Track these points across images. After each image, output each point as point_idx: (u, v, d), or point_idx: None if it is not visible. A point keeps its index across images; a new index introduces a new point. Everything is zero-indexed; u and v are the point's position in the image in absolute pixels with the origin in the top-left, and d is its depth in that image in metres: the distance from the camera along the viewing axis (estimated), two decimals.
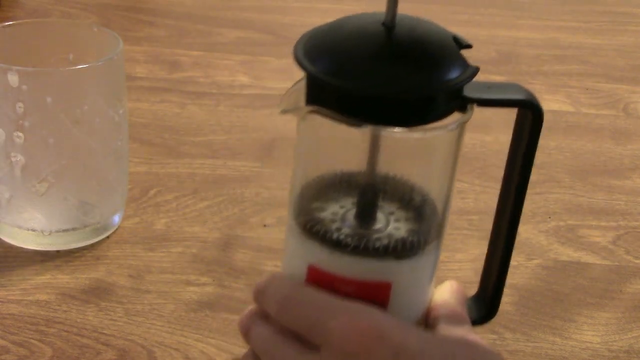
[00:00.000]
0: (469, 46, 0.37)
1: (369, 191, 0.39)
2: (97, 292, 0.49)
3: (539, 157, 0.71)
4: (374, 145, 0.38)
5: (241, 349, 0.46)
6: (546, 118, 0.86)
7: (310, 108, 0.36)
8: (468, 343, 0.39)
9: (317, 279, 0.39)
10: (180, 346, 0.45)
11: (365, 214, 0.39)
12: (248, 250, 0.54)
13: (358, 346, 0.36)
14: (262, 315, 0.42)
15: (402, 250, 0.38)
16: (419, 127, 0.36)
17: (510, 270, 0.55)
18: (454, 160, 0.39)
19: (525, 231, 0.59)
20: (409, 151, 0.40)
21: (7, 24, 0.52)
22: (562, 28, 1.04)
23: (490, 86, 0.38)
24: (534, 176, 0.71)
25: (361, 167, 0.38)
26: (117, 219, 0.55)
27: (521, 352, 0.47)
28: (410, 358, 0.35)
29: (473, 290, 0.52)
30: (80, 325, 0.46)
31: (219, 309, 0.48)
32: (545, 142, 0.73)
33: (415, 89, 0.35)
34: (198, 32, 0.92)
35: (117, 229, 0.55)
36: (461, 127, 0.37)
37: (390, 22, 0.36)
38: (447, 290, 0.44)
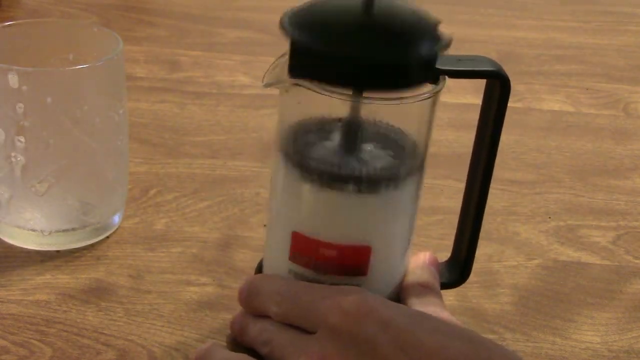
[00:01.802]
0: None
1: (348, 161, 0.42)
2: (97, 292, 0.49)
3: (539, 157, 0.72)
4: (354, 116, 0.41)
5: (241, 349, 0.45)
6: (546, 118, 0.86)
7: (293, 81, 0.38)
8: (447, 319, 0.41)
9: (301, 245, 0.42)
10: (180, 346, 0.45)
11: (344, 183, 0.41)
12: (248, 250, 0.54)
13: (348, 323, 0.38)
14: (256, 315, 0.43)
15: (380, 217, 0.41)
16: (395, 97, 0.39)
17: (510, 270, 0.55)
18: (428, 130, 0.42)
19: (525, 231, 0.59)
20: (386, 121, 0.43)
21: (7, 24, 0.52)
22: (562, 28, 1.04)
23: (460, 59, 0.41)
24: (534, 176, 0.72)
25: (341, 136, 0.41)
26: (117, 219, 0.55)
27: (521, 352, 0.47)
28: (398, 332, 0.37)
29: (479, 290, 0.52)
30: (80, 325, 0.46)
31: (219, 309, 0.48)
32: (545, 142, 0.73)
33: (394, 52, 0.38)
34: (198, 32, 0.92)
35: (117, 229, 0.55)
36: (434, 98, 0.40)
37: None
38: (421, 261, 0.45)
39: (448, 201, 0.62)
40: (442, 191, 0.63)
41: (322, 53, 0.38)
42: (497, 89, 0.42)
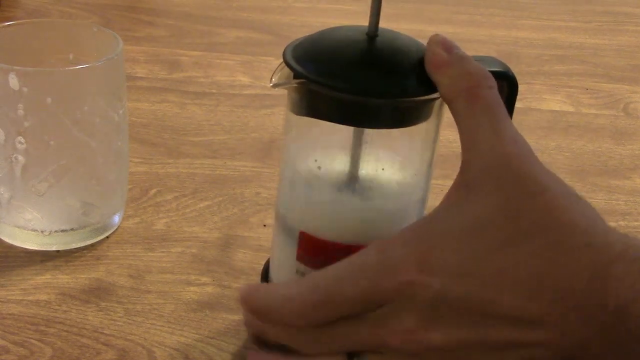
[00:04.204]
0: None
1: (355, 162, 0.41)
2: (97, 292, 0.49)
3: (539, 157, 0.71)
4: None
5: (241, 348, 0.46)
6: (546, 118, 0.86)
7: (299, 80, 0.38)
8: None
9: (308, 244, 0.41)
10: (180, 346, 0.45)
11: (351, 183, 0.42)
12: (248, 250, 0.54)
13: (415, 284, 0.34)
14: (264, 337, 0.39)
15: (388, 218, 0.41)
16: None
17: None
18: (437, 130, 0.42)
19: None
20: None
21: (7, 24, 0.52)
22: (562, 28, 1.04)
23: None
24: None
25: (349, 136, 0.41)
26: (117, 219, 0.55)
27: None
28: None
29: None
30: (80, 325, 0.46)
31: (219, 309, 0.48)
32: (545, 142, 0.73)
33: (397, 95, 0.38)
34: (198, 32, 0.92)
35: (117, 229, 0.55)
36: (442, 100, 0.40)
37: (373, 32, 0.39)
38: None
39: None
40: (442, 191, 0.63)
41: (325, 95, 0.38)
42: (505, 89, 0.42)
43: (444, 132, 0.44)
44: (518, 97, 0.42)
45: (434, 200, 0.62)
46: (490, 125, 0.37)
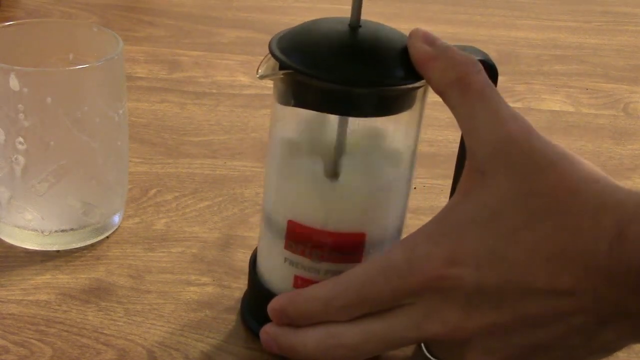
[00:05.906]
0: None
1: (341, 150, 0.42)
2: (97, 292, 0.49)
3: None
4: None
5: (241, 348, 0.46)
6: (546, 118, 0.86)
7: (285, 71, 0.39)
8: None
9: (296, 233, 0.42)
10: (180, 346, 0.45)
11: (335, 170, 0.42)
12: (248, 250, 0.54)
13: (447, 278, 0.36)
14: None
15: (374, 205, 0.42)
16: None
17: None
18: (420, 117, 0.43)
19: None
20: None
21: (7, 24, 0.52)
22: (562, 28, 1.04)
23: None
24: None
25: (334, 125, 0.41)
26: (117, 219, 0.55)
27: None
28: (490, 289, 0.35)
29: None
30: (80, 325, 0.46)
31: (219, 309, 0.48)
32: None
33: (380, 84, 0.39)
34: (198, 32, 0.92)
35: (117, 229, 0.55)
36: (425, 87, 0.41)
37: (355, 23, 0.40)
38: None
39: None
40: (442, 191, 0.63)
41: (310, 84, 0.39)
42: None
43: (444, 132, 0.44)
44: (518, 97, 0.43)
45: (434, 200, 0.62)
46: (488, 108, 0.37)
